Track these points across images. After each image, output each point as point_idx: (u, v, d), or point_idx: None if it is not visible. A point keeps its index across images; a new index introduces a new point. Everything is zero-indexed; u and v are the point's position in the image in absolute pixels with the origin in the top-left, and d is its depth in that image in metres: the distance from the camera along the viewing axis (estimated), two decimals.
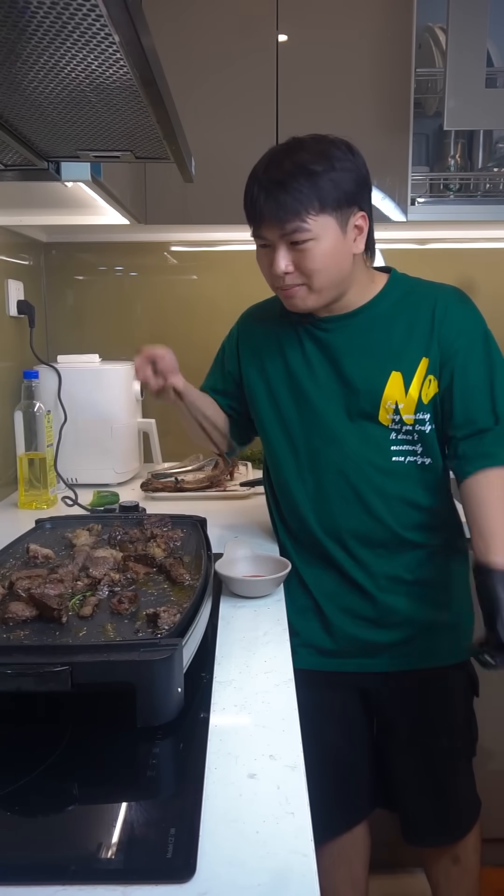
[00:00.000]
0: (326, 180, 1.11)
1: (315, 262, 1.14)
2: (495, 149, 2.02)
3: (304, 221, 1.11)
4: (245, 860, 0.60)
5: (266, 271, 1.20)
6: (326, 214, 1.12)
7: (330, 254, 1.14)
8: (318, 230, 1.12)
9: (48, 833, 0.65)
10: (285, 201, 1.10)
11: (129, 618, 0.92)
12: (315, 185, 1.10)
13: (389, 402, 1.21)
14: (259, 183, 1.13)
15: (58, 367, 1.87)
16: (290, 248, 1.14)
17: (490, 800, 1.42)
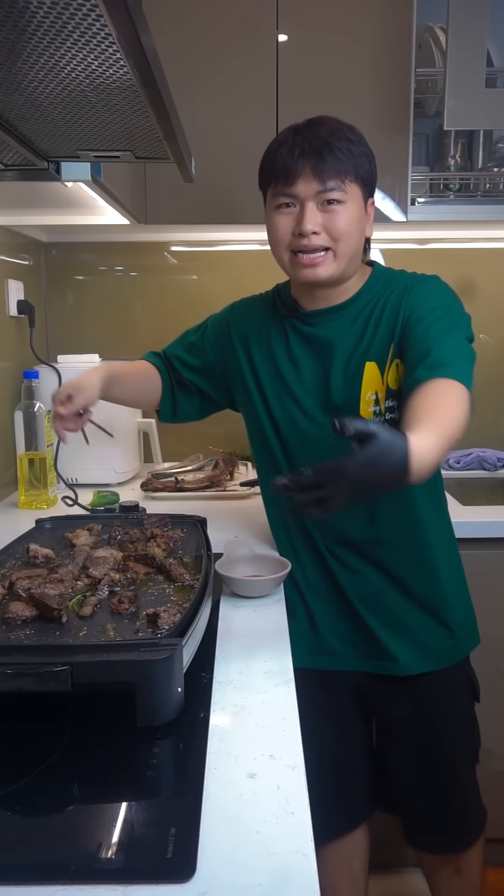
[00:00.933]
0: (360, 153, 1.15)
1: (344, 225, 1.14)
2: (495, 149, 2.01)
3: (343, 182, 1.13)
4: (245, 860, 0.60)
5: (284, 235, 1.17)
6: (357, 186, 1.16)
7: (355, 221, 1.16)
8: (351, 196, 1.15)
9: (48, 833, 0.65)
10: (329, 159, 1.12)
11: (129, 618, 0.92)
12: (352, 154, 1.14)
13: (369, 394, 1.20)
14: (301, 136, 1.14)
15: (58, 367, 1.87)
16: (320, 209, 1.14)
17: (490, 800, 1.42)
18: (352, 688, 1.32)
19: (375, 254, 2.16)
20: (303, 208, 1.14)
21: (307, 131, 1.15)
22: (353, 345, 1.22)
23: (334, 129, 1.15)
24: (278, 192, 1.16)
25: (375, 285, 1.25)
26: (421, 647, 1.27)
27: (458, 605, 1.30)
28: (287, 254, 1.19)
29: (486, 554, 1.55)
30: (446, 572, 1.29)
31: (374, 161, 1.20)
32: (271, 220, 1.19)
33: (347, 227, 1.15)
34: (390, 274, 1.28)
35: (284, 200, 1.16)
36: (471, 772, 1.36)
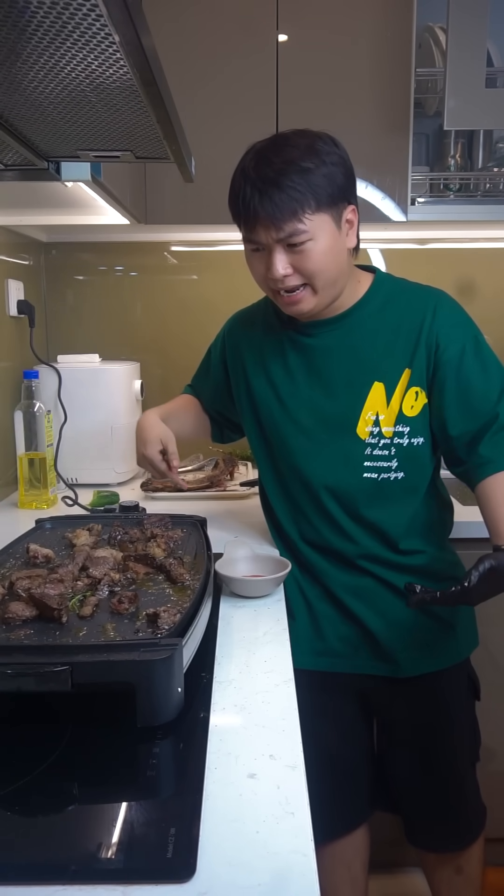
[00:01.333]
0: (319, 176, 1.08)
1: (315, 263, 1.10)
2: (495, 149, 2.01)
3: (300, 222, 1.07)
4: (245, 860, 0.60)
5: (260, 276, 1.16)
6: (322, 212, 1.09)
7: (328, 252, 1.11)
8: (315, 229, 1.09)
9: (48, 833, 0.65)
10: (280, 201, 1.06)
11: (129, 618, 0.92)
12: (309, 182, 1.07)
13: (370, 414, 1.19)
14: (250, 183, 1.08)
15: (58, 367, 1.87)
16: (286, 251, 1.10)
17: (490, 800, 1.42)
18: (353, 689, 1.32)
19: (376, 254, 2.17)
20: (270, 253, 1.11)
21: (255, 171, 1.08)
22: (359, 359, 1.20)
23: (285, 162, 1.07)
24: (244, 237, 1.15)
25: (378, 294, 1.22)
26: (423, 647, 1.27)
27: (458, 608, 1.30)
28: (269, 291, 1.18)
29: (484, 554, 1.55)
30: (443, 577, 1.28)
31: (348, 166, 1.13)
32: (248, 259, 1.17)
33: (318, 264, 1.11)
34: (394, 284, 1.25)
35: (251, 246, 1.14)
36: (471, 770, 1.36)
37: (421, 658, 1.27)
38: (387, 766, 1.37)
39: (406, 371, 1.18)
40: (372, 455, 1.20)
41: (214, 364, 1.42)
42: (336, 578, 1.27)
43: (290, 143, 1.09)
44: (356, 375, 1.20)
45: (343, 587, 1.27)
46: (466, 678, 1.34)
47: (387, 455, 1.20)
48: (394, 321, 1.20)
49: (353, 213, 1.16)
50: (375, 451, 1.20)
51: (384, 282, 1.25)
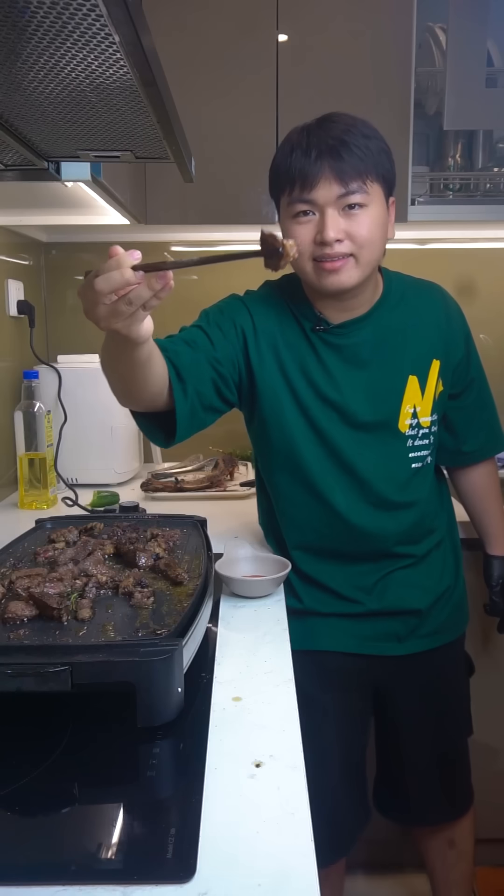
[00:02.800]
0: (378, 149, 1.09)
1: (368, 230, 1.08)
2: (495, 149, 2.01)
3: (365, 182, 1.06)
4: (245, 860, 0.60)
5: (304, 244, 1.09)
6: (378, 185, 1.09)
7: (379, 224, 1.10)
8: (373, 197, 1.09)
9: (48, 833, 0.65)
10: (348, 159, 1.05)
11: (130, 617, 0.92)
12: (370, 150, 1.07)
13: (408, 407, 1.21)
14: (315, 139, 1.06)
15: (58, 367, 1.87)
16: (341, 214, 1.07)
17: (490, 800, 1.42)
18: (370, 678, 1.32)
19: None
20: (323, 215, 1.07)
21: (320, 130, 1.07)
22: (392, 354, 1.21)
23: (349, 126, 1.08)
24: (295, 198, 1.09)
25: (393, 290, 1.24)
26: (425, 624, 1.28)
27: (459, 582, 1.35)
28: (309, 263, 1.11)
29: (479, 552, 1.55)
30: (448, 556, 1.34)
31: (392, 156, 1.14)
32: (289, 230, 1.11)
33: (371, 233, 1.09)
34: (400, 278, 1.29)
35: (302, 208, 1.09)
36: (466, 743, 1.39)
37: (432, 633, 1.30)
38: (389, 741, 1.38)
39: (435, 362, 1.23)
40: (414, 446, 1.24)
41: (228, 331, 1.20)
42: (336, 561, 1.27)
43: (348, 116, 1.11)
44: (392, 371, 1.21)
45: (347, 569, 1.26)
46: (463, 652, 1.39)
47: (427, 444, 1.25)
48: (415, 314, 1.23)
49: (392, 206, 1.17)
50: (416, 441, 1.24)
51: (393, 278, 1.27)
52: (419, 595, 1.27)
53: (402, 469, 1.24)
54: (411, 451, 1.23)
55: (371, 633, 1.28)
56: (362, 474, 1.22)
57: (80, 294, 0.83)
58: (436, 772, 1.35)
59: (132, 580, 1.00)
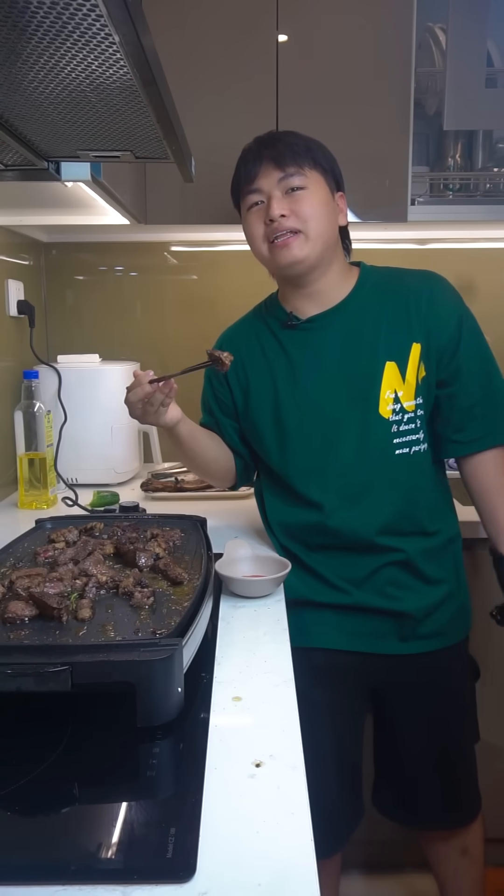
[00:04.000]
0: (317, 148, 1.23)
1: (310, 207, 1.20)
2: (495, 149, 2.01)
3: (301, 167, 1.20)
4: (245, 860, 0.60)
5: (257, 228, 1.23)
6: (318, 172, 1.22)
7: (322, 204, 1.22)
8: (312, 182, 1.21)
9: (48, 833, 0.65)
10: (284, 150, 1.20)
11: (130, 616, 0.92)
12: (309, 148, 1.22)
13: (388, 393, 1.22)
14: (256, 142, 1.24)
15: (58, 367, 1.87)
16: (285, 197, 1.20)
17: (491, 800, 1.42)
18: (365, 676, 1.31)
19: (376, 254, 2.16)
20: (269, 199, 1.21)
21: (264, 139, 1.24)
22: (365, 342, 1.23)
23: (292, 134, 1.24)
24: (245, 191, 1.24)
25: (367, 282, 1.28)
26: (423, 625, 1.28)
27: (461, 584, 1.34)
28: (264, 245, 1.24)
29: (485, 554, 1.55)
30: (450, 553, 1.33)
31: (335, 162, 1.26)
32: (246, 221, 1.26)
33: (314, 209, 1.20)
34: (380, 271, 1.31)
35: (253, 199, 1.23)
36: (473, 747, 1.38)
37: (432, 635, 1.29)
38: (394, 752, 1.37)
39: (415, 346, 1.23)
40: (399, 431, 1.24)
41: (219, 386, 1.39)
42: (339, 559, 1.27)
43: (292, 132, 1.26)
44: (366, 358, 1.23)
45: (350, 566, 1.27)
46: (468, 655, 1.37)
47: (414, 429, 1.24)
48: (391, 301, 1.25)
49: (342, 200, 1.28)
50: (402, 426, 1.24)
51: (371, 270, 1.31)
52: (412, 597, 1.26)
53: (386, 454, 1.23)
54: (396, 437, 1.23)
55: (362, 630, 1.28)
56: (341, 466, 1.24)
57: (126, 403, 1.22)
58: (438, 776, 1.34)
59: (132, 580, 1.00)
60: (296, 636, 1.06)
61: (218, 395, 1.40)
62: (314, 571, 1.29)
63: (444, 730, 1.34)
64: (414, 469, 1.25)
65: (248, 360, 1.34)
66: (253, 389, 1.33)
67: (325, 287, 1.26)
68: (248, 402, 1.34)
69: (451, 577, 1.32)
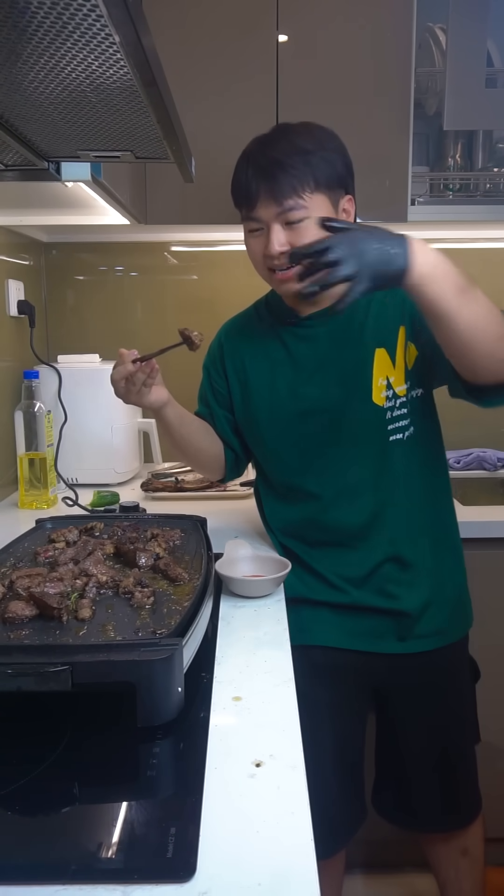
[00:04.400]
0: (319, 159, 1.13)
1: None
2: (495, 149, 2.02)
3: (300, 198, 1.12)
4: (245, 860, 0.60)
5: (258, 257, 1.20)
6: (320, 193, 1.14)
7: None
8: (313, 209, 1.14)
9: (48, 833, 0.65)
10: (282, 179, 1.12)
11: (130, 616, 0.92)
12: (309, 163, 1.12)
13: (381, 380, 1.22)
14: (253, 164, 1.15)
15: (58, 367, 1.87)
16: (284, 228, 1.15)
17: (491, 800, 1.42)
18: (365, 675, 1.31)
19: None
20: (268, 230, 1.16)
21: (259, 152, 1.16)
22: (357, 332, 1.23)
23: (287, 145, 1.14)
24: (244, 216, 1.19)
25: None
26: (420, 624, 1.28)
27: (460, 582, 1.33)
28: (265, 272, 1.21)
29: (486, 554, 1.56)
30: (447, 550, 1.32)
31: (347, 157, 1.18)
32: (246, 242, 1.22)
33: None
34: None
35: (252, 226, 1.18)
36: (473, 747, 1.38)
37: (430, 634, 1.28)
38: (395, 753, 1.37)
39: (401, 329, 1.22)
40: (393, 417, 1.23)
41: (216, 378, 1.40)
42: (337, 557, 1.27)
43: (292, 130, 1.17)
44: (358, 348, 1.23)
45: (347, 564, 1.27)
46: (468, 655, 1.37)
47: (405, 413, 1.24)
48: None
49: (349, 203, 1.21)
50: (395, 412, 1.23)
51: None
52: (409, 594, 1.26)
53: (382, 443, 1.23)
54: (390, 423, 1.23)
55: (360, 629, 1.28)
56: (338, 457, 1.24)
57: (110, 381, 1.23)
58: (437, 777, 1.34)
59: (132, 580, 1.00)
60: (295, 634, 1.06)
61: (215, 385, 1.39)
62: (313, 570, 1.29)
63: (444, 731, 1.34)
64: (408, 455, 1.24)
65: (248, 354, 1.33)
66: (251, 383, 1.33)
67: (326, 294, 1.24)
68: (247, 394, 1.34)
69: (449, 567, 1.32)
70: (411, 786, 1.36)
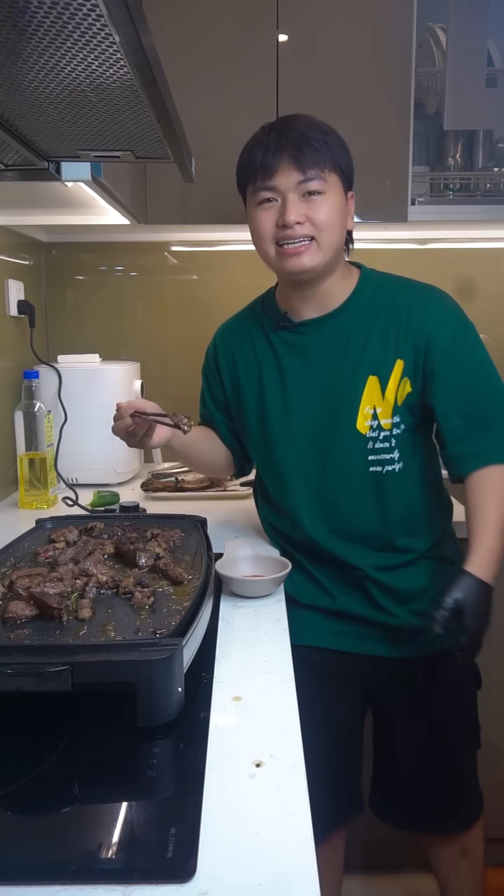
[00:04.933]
0: (336, 145, 1.17)
1: (327, 214, 1.15)
2: (495, 149, 2.01)
3: (322, 170, 1.14)
4: (245, 860, 0.60)
5: (267, 230, 1.18)
6: (336, 175, 1.17)
7: (338, 211, 1.17)
8: (331, 186, 1.16)
9: (48, 833, 0.65)
10: (307, 150, 1.13)
11: (131, 616, 0.92)
12: (329, 145, 1.15)
13: (367, 408, 1.20)
14: (276, 132, 1.15)
15: (58, 367, 1.87)
16: (301, 199, 1.15)
17: (495, 800, 1.42)
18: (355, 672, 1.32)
19: (376, 254, 2.16)
20: (285, 200, 1.15)
21: (283, 127, 1.17)
22: (352, 354, 1.21)
23: (309, 124, 1.17)
24: (258, 187, 1.17)
25: (366, 289, 1.25)
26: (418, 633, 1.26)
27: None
28: (272, 247, 1.19)
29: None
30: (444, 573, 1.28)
31: (350, 156, 1.21)
32: (254, 216, 1.20)
33: (330, 217, 1.16)
34: (380, 278, 1.28)
35: (266, 196, 1.17)
36: (473, 752, 1.37)
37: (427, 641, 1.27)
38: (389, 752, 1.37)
39: (398, 362, 1.20)
40: (375, 448, 1.21)
41: (213, 382, 1.40)
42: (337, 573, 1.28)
43: (306, 117, 1.19)
44: (350, 371, 1.21)
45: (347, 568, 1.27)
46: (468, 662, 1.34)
47: (388, 447, 1.21)
48: (384, 314, 1.22)
49: (351, 200, 1.23)
50: (378, 444, 1.21)
51: (371, 276, 1.27)
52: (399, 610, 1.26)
53: (359, 470, 1.21)
54: (371, 454, 1.21)
55: (348, 631, 1.28)
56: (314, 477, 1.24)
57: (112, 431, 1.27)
58: (433, 780, 1.34)
59: (132, 580, 1.00)
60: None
61: (212, 389, 1.40)
62: (304, 569, 1.29)
63: (439, 735, 1.33)
64: (385, 488, 1.22)
65: (240, 359, 1.33)
66: (243, 388, 1.32)
67: (325, 290, 1.23)
68: (239, 400, 1.34)
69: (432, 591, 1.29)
70: (406, 787, 1.36)
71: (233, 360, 1.34)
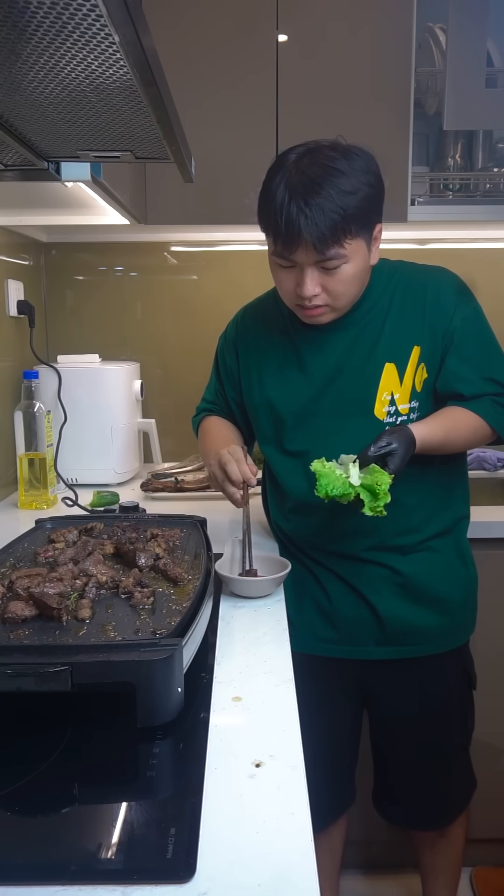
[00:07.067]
0: (361, 200, 1.10)
1: (344, 285, 1.15)
2: (495, 149, 2.02)
3: (342, 247, 1.11)
4: (245, 860, 0.60)
5: (288, 291, 1.18)
6: (359, 237, 1.13)
7: (358, 275, 1.16)
8: (352, 253, 1.13)
9: (48, 833, 0.65)
10: (326, 227, 1.08)
11: (131, 615, 0.92)
12: (351, 209, 1.09)
13: (385, 394, 1.22)
14: (295, 203, 1.08)
15: (58, 367, 1.87)
16: (319, 271, 1.13)
17: (492, 799, 1.42)
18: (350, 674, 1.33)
19: None
20: (303, 272, 1.13)
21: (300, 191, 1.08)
22: (369, 344, 1.23)
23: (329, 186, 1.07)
24: (277, 252, 1.14)
25: (380, 281, 1.25)
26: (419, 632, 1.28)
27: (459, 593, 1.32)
28: (291, 304, 1.21)
29: (486, 554, 1.55)
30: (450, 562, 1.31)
31: (381, 184, 1.15)
32: (274, 271, 1.20)
33: (347, 287, 1.15)
34: (391, 267, 1.28)
35: (284, 262, 1.15)
36: (461, 753, 1.38)
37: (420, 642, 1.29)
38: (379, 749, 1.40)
39: (416, 348, 1.22)
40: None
41: (229, 355, 1.39)
42: (335, 565, 1.28)
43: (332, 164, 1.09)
44: (368, 360, 1.23)
45: (345, 573, 1.28)
46: (461, 665, 1.36)
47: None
48: (399, 301, 1.23)
49: (379, 231, 1.19)
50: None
51: (382, 268, 1.27)
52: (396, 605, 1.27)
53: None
54: None
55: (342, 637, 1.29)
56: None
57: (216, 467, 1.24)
58: (423, 779, 1.36)
59: (132, 580, 1.00)
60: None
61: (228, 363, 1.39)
62: (306, 568, 1.31)
63: (430, 735, 1.34)
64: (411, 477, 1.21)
65: (261, 344, 1.33)
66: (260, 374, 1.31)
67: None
68: (250, 383, 1.33)
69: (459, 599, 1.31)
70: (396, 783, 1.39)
71: (254, 343, 1.34)
